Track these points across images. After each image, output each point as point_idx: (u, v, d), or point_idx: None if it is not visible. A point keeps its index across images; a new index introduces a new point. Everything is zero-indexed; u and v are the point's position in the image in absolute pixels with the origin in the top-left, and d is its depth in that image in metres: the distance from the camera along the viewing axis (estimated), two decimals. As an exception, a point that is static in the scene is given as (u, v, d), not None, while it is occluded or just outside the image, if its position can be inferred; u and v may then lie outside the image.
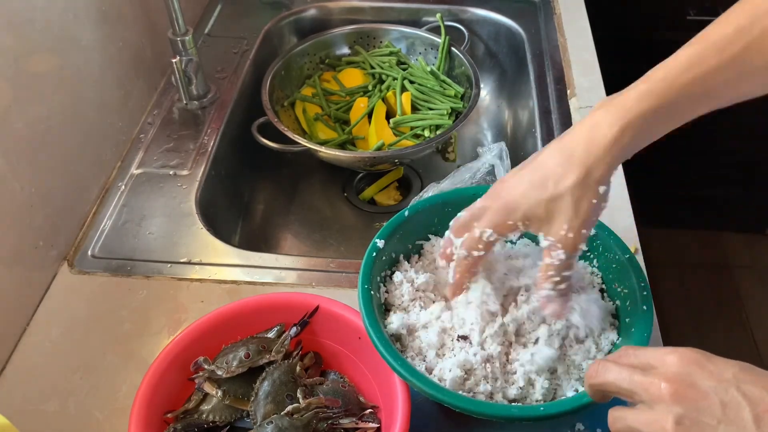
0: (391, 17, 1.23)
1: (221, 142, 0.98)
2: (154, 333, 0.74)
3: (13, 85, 0.71)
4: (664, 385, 0.42)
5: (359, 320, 0.61)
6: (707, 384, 0.42)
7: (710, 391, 0.41)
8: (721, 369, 0.42)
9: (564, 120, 0.98)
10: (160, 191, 0.90)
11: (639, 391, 0.44)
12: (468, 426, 0.65)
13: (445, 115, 1.04)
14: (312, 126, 1.06)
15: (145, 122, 1.00)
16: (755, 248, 2.03)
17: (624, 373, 0.45)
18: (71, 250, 0.82)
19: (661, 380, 0.43)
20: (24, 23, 0.73)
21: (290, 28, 1.24)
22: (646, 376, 0.44)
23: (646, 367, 0.45)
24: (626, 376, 0.45)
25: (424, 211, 0.69)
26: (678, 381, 0.42)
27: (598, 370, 0.47)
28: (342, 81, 1.13)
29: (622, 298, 0.63)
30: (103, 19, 0.88)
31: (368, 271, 0.63)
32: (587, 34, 1.15)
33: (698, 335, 1.83)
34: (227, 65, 1.12)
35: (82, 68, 0.84)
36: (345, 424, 0.60)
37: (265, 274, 0.80)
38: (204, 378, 0.62)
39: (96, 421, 0.67)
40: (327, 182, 1.11)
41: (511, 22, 1.19)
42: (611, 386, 0.46)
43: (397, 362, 0.56)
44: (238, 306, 0.66)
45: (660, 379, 0.43)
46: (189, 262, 0.81)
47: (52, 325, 0.75)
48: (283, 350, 0.63)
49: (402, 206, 1.05)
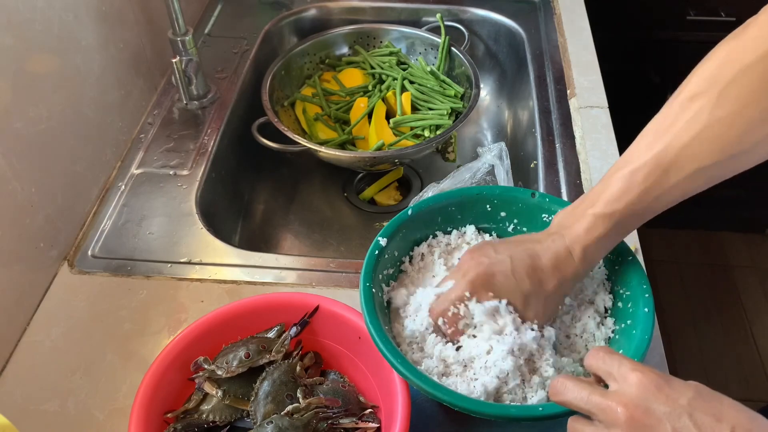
0: (391, 17, 1.23)
1: (221, 142, 0.98)
2: (154, 333, 0.74)
3: (13, 85, 0.71)
4: (620, 410, 0.45)
5: (359, 320, 0.61)
6: (662, 410, 0.44)
7: (663, 418, 0.43)
8: (677, 394, 0.44)
9: (564, 120, 0.98)
10: (160, 191, 0.90)
11: (597, 413, 0.46)
12: (468, 426, 0.65)
13: (445, 115, 1.04)
14: (312, 126, 1.06)
15: (145, 122, 1.00)
16: (755, 248, 2.03)
17: (583, 392, 0.48)
18: (71, 250, 0.82)
19: (618, 405, 0.45)
20: (24, 23, 0.73)
21: (290, 28, 1.24)
22: (604, 399, 0.46)
23: (608, 379, 0.48)
24: (584, 396, 0.47)
25: (428, 210, 0.69)
26: (633, 406, 0.45)
27: (557, 388, 0.49)
28: (342, 81, 1.13)
29: (623, 299, 0.63)
30: (103, 19, 0.88)
31: (370, 269, 0.63)
32: (587, 34, 1.15)
33: (698, 335, 1.83)
34: (227, 65, 1.12)
35: (82, 68, 0.85)
36: (345, 424, 0.61)
37: (265, 274, 0.80)
38: (204, 378, 0.62)
39: (96, 421, 0.67)
40: (327, 182, 1.11)
41: (511, 22, 1.19)
42: (571, 405, 0.48)
43: (398, 361, 0.56)
44: (238, 306, 0.66)
45: (617, 404, 0.45)
46: (189, 262, 0.81)
47: (52, 325, 0.75)
48: (283, 350, 0.63)
49: (402, 206, 1.05)
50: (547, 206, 0.67)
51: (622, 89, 1.26)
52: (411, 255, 0.69)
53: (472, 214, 0.70)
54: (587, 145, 0.94)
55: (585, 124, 0.97)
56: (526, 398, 0.58)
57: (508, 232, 0.70)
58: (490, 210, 0.69)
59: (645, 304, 0.60)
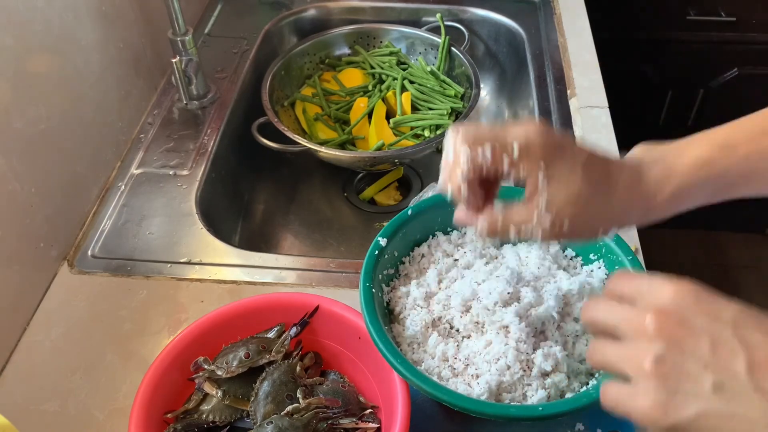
0: (391, 17, 1.23)
1: (221, 142, 0.98)
2: (154, 333, 0.74)
3: (13, 85, 0.71)
4: (649, 317, 0.37)
5: (359, 320, 0.61)
6: (700, 322, 0.37)
7: (701, 331, 0.36)
8: (720, 308, 0.37)
9: (564, 120, 0.98)
10: (160, 191, 0.90)
11: (622, 324, 0.39)
12: (468, 426, 0.65)
13: (445, 115, 1.04)
14: (312, 126, 1.06)
15: (145, 122, 1.00)
16: (755, 248, 2.03)
17: (609, 306, 0.40)
18: (71, 250, 0.82)
19: (648, 312, 0.38)
20: (24, 23, 0.73)
21: (290, 28, 1.24)
22: (633, 308, 0.39)
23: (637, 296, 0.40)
24: (611, 309, 0.40)
25: (428, 210, 0.69)
26: (666, 315, 0.37)
27: (588, 306, 0.42)
28: (342, 81, 1.13)
29: (622, 298, 0.63)
30: (103, 19, 0.88)
31: (370, 269, 0.63)
32: (587, 34, 1.15)
33: (698, 335, 1.82)
34: (227, 65, 1.12)
35: (82, 68, 0.85)
36: (345, 424, 0.60)
37: (265, 274, 0.80)
38: (204, 378, 0.62)
39: (96, 421, 0.67)
40: (327, 182, 1.11)
41: (511, 22, 1.19)
42: (599, 324, 0.41)
43: (398, 361, 0.56)
44: (238, 306, 0.66)
45: (646, 311, 0.38)
46: (189, 262, 0.81)
47: (52, 325, 0.75)
48: (283, 350, 0.63)
49: (402, 206, 1.05)
50: (547, 206, 0.67)
51: (622, 89, 1.26)
52: (411, 255, 0.69)
53: (472, 214, 0.70)
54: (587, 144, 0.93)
55: (585, 124, 0.97)
56: (526, 398, 0.58)
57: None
58: (490, 210, 0.69)
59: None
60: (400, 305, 0.64)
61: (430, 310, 0.63)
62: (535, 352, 0.59)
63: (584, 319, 0.43)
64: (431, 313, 0.63)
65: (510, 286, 0.61)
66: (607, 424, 0.63)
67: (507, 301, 0.61)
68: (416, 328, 0.61)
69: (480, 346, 0.59)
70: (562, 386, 0.58)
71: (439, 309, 0.63)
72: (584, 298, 0.64)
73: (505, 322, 0.59)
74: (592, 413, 0.62)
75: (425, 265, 0.68)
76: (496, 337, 0.59)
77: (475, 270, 0.65)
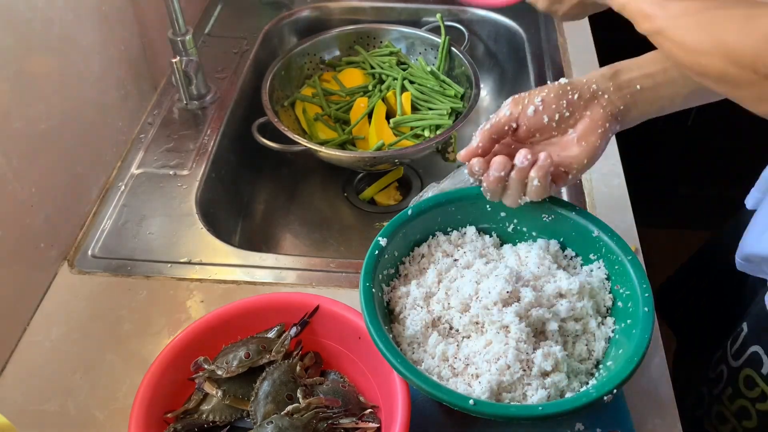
0: (391, 17, 1.23)
1: (221, 142, 0.98)
2: (154, 333, 0.74)
3: (13, 85, 0.71)
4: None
5: (359, 320, 0.61)
6: None
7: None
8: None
9: (564, 120, 0.98)
10: (160, 191, 0.90)
11: None
12: (468, 426, 0.65)
13: (445, 115, 1.04)
14: (312, 126, 1.06)
15: (145, 122, 1.00)
16: (755, 248, 2.03)
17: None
18: (71, 250, 0.82)
19: None
20: (24, 23, 0.73)
21: (290, 28, 1.24)
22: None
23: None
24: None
25: (428, 210, 0.69)
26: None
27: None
28: (342, 81, 1.13)
29: (623, 299, 0.63)
30: (103, 20, 0.88)
31: (370, 269, 0.63)
32: (587, 34, 1.15)
33: (698, 335, 1.82)
34: (227, 65, 1.12)
35: (82, 68, 0.85)
36: (345, 424, 0.60)
37: (265, 274, 0.80)
38: (204, 378, 0.62)
39: (96, 421, 0.67)
40: (327, 182, 1.11)
41: (511, 22, 1.19)
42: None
43: (398, 361, 0.56)
44: (238, 306, 0.66)
45: None
46: (189, 262, 0.81)
47: (52, 325, 0.75)
48: (283, 350, 0.63)
49: (402, 206, 1.05)
50: (546, 206, 0.67)
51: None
52: (411, 255, 0.69)
53: (472, 214, 0.70)
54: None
55: (585, 124, 0.97)
56: (526, 397, 0.58)
57: (508, 232, 0.70)
58: (490, 210, 0.69)
59: (645, 304, 0.60)
60: (400, 305, 0.64)
61: (430, 310, 0.63)
62: (535, 352, 0.59)
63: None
64: (431, 313, 0.63)
65: (509, 285, 0.61)
66: (607, 424, 0.63)
67: (507, 300, 0.61)
68: (416, 328, 0.61)
69: (480, 346, 0.59)
70: (562, 386, 0.58)
71: (439, 309, 0.63)
72: (584, 298, 0.64)
73: (505, 322, 0.59)
74: (592, 413, 0.62)
75: (425, 265, 0.68)
76: (496, 337, 0.59)
77: (474, 270, 0.65)
